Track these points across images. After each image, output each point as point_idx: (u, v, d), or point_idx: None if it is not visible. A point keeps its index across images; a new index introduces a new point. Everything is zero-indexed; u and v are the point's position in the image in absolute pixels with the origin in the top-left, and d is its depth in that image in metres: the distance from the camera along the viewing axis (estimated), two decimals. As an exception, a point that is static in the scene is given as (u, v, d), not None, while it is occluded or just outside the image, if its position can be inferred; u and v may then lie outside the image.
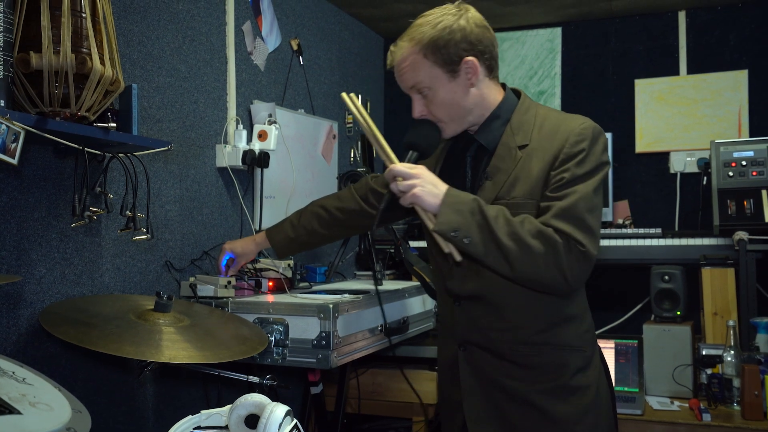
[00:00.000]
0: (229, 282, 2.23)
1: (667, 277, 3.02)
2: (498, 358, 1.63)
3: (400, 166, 1.56)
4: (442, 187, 1.54)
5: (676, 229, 3.54)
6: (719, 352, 2.76)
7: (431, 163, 1.75)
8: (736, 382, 2.69)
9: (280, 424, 1.14)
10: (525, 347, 1.61)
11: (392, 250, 3.23)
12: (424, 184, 1.52)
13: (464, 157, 1.69)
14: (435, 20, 1.57)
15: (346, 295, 2.30)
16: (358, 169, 2.98)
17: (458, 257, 1.53)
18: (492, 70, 1.63)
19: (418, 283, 2.65)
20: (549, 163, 1.55)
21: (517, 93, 1.69)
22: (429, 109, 1.62)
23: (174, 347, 1.65)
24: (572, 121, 1.59)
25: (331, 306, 2.04)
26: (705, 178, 3.45)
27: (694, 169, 3.56)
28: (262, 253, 2.69)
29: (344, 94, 1.71)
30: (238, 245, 2.26)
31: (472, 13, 1.59)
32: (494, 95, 1.64)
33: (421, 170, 1.55)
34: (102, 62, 1.69)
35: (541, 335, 1.61)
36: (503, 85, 1.68)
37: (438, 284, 1.79)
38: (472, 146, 1.68)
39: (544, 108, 1.67)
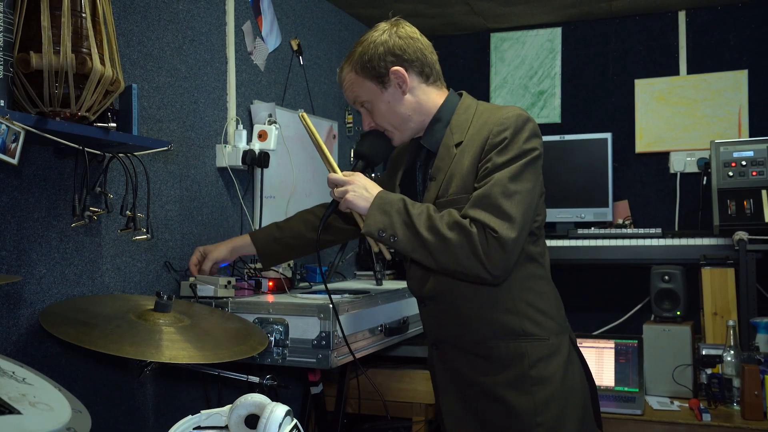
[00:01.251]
0: (229, 282, 2.23)
1: (667, 277, 3.02)
2: (465, 353, 1.69)
3: (334, 175, 1.71)
4: (373, 190, 1.65)
5: (676, 229, 3.55)
6: (719, 352, 2.76)
7: (393, 173, 1.87)
8: (736, 382, 2.69)
9: (280, 424, 1.14)
10: (484, 340, 1.66)
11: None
12: (356, 189, 1.65)
13: (415, 163, 1.81)
14: (364, 39, 1.71)
15: (346, 295, 2.30)
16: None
17: (388, 255, 1.67)
18: (428, 76, 1.72)
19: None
20: (477, 156, 1.62)
21: (459, 94, 1.76)
22: (373, 120, 1.75)
23: (174, 347, 1.65)
24: (499, 112, 1.64)
25: (331, 306, 2.04)
26: (705, 178, 3.45)
27: (694, 169, 3.56)
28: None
29: (302, 115, 1.87)
30: (210, 246, 2.24)
31: (402, 26, 1.72)
32: (434, 100, 1.73)
33: (355, 177, 1.68)
34: (102, 62, 1.69)
35: (496, 327, 1.65)
36: (449, 89, 1.77)
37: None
38: (422, 152, 1.77)
39: (484, 105, 1.72)
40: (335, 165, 1.78)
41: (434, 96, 1.74)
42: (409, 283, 1.79)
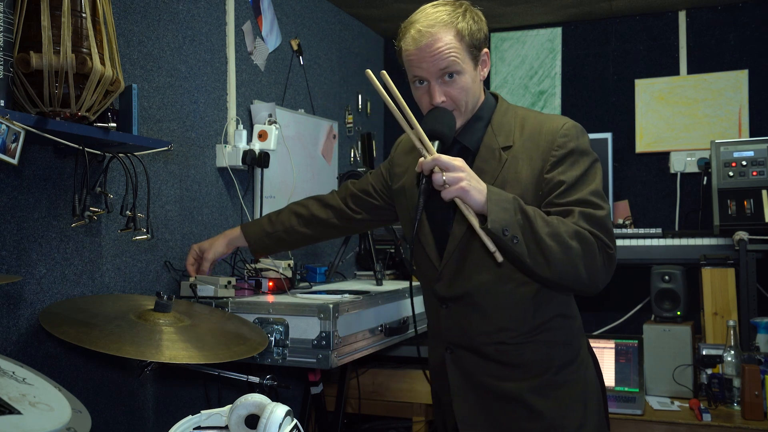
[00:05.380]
0: (229, 282, 2.23)
1: (667, 277, 3.02)
2: (484, 359, 1.64)
3: (445, 158, 1.47)
4: (483, 183, 1.50)
5: (677, 229, 3.54)
6: (719, 352, 2.76)
7: (407, 162, 1.78)
8: (737, 382, 2.69)
9: (281, 424, 1.14)
10: (509, 347, 1.62)
11: (392, 250, 3.23)
12: (470, 179, 1.47)
13: None
14: (458, 11, 1.57)
15: (346, 295, 2.30)
16: (359, 169, 2.98)
17: (500, 258, 1.49)
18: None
19: (419, 282, 2.65)
20: (538, 168, 1.57)
21: (494, 96, 1.72)
22: (449, 95, 1.57)
23: (174, 347, 1.65)
24: (553, 122, 1.61)
25: (331, 306, 2.04)
26: (705, 178, 3.45)
27: (695, 169, 3.56)
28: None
29: (370, 73, 1.54)
30: (205, 243, 2.22)
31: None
32: (482, 95, 1.67)
33: (464, 164, 1.50)
34: (102, 62, 1.69)
35: (524, 336, 1.62)
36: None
37: (424, 288, 1.78)
38: (454, 148, 1.65)
39: (521, 109, 1.69)
40: (430, 144, 1.52)
41: (480, 90, 1.68)
42: (437, 286, 1.69)
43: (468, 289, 1.63)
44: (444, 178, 1.46)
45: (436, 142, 1.54)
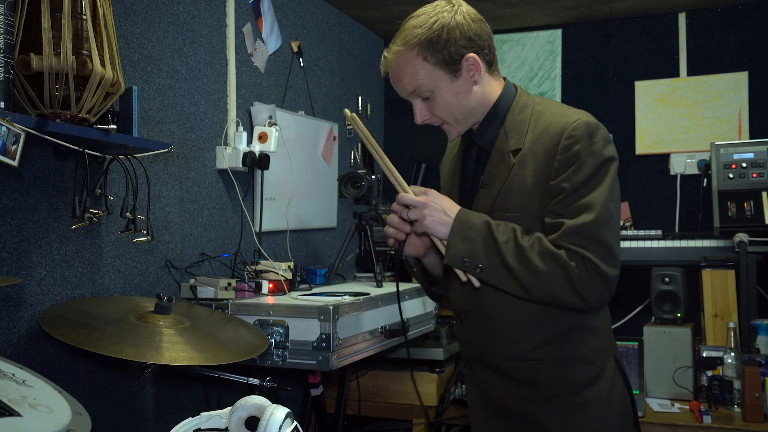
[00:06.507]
0: (230, 284, 2.23)
1: (667, 279, 3.01)
2: (498, 375, 1.56)
3: (406, 197, 1.48)
4: (452, 211, 1.46)
5: (677, 230, 3.54)
6: (720, 353, 2.76)
7: (447, 164, 1.69)
8: (737, 384, 2.69)
9: (281, 426, 1.14)
10: (522, 363, 1.52)
11: (392, 252, 3.23)
12: (434, 213, 1.45)
13: (468, 160, 1.62)
14: (429, 20, 1.47)
15: (347, 296, 2.30)
16: (359, 171, 2.98)
17: (477, 283, 1.46)
18: (491, 64, 1.54)
19: (418, 285, 2.65)
20: (544, 174, 1.46)
21: (515, 87, 1.60)
22: (432, 112, 1.53)
23: (174, 349, 1.65)
24: (563, 119, 1.47)
25: (331, 308, 2.04)
26: (705, 179, 3.45)
27: (695, 170, 3.56)
28: (262, 255, 2.69)
29: (348, 112, 1.61)
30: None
31: (466, 7, 1.51)
32: (494, 90, 1.55)
33: (429, 196, 1.47)
34: (102, 64, 1.69)
35: (538, 350, 1.51)
36: (504, 78, 1.60)
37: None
38: (473, 149, 1.60)
39: (540, 102, 1.56)
40: (401, 179, 1.52)
41: (494, 86, 1.55)
42: (452, 297, 1.62)
43: (479, 299, 1.54)
44: (409, 216, 1.47)
45: (422, 166, 1.54)
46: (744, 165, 3.06)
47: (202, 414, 1.27)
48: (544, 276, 1.40)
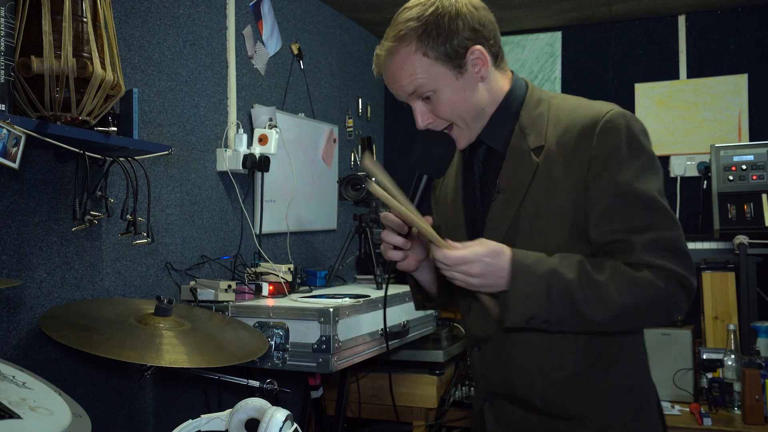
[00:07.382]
0: (230, 286, 2.23)
1: (667, 281, 3.01)
2: (530, 411, 1.36)
3: (448, 253, 1.23)
4: (503, 262, 1.23)
5: (677, 232, 3.54)
6: (720, 356, 2.76)
7: (451, 173, 1.49)
8: (737, 387, 2.69)
9: (281, 429, 1.14)
10: (561, 394, 1.33)
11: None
12: (486, 276, 1.23)
13: (473, 164, 1.42)
14: (426, 9, 1.28)
15: (347, 299, 2.30)
16: (359, 173, 2.98)
17: (495, 315, 1.28)
18: (498, 57, 1.35)
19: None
20: (578, 174, 1.27)
21: (525, 82, 1.42)
22: (435, 114, 1.33)
23: (174, 351, 1.65)
24: (591, 111, 1.29)
25: (331, 310, 2.04)
26: (705, 182, 3.45)
27: (695, 173, 3.56)
28: (262, 257, 2.69)
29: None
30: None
31: None
32: (502, 86, 1.37)
33: (473, 250, 1.22)
34: (103, 66, 1.69)
35: (579, 377, 1.32)
36: (512, 71, 1.41)
37: (463, 322, 1.52)
38: (479, 150, 1.40)
39: (556, 97, 1.38)
40: (435, 234, 1.25)
41: (501, 81, 1.36)
42: (470, 323, 1.43)
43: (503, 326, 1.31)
44: (455, 278, 1.25)
45: (425, 177, 1.34)
46: (744, 167, 3.06)
47: (203, 416, 1.27)
48: (637, 311, 1.25)
